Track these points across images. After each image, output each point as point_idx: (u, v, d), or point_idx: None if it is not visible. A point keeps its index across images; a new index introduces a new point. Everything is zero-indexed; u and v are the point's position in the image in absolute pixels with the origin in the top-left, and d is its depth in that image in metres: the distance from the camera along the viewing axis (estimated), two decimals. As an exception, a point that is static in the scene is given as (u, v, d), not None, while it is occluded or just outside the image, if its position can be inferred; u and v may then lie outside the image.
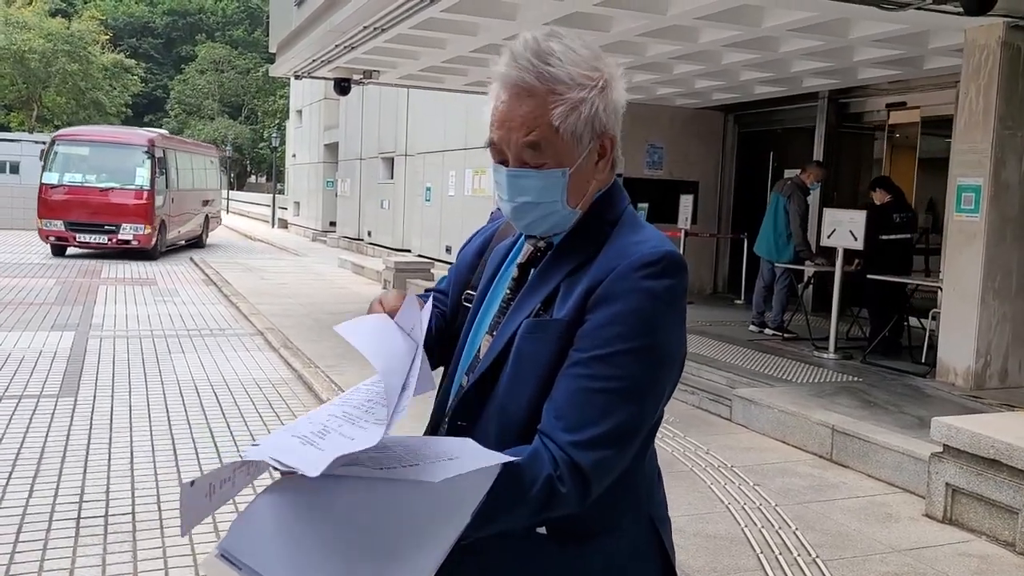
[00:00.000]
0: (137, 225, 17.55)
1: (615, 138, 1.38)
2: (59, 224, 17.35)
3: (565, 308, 1.31)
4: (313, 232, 27.26)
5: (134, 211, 17.65)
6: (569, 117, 1.31)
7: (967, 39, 6.69)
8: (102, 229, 17.43)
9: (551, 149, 1.33)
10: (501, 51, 1.37)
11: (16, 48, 36.34)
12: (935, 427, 4.53)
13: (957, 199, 6.73)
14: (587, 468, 1.23)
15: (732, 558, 3.88)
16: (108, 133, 20.17)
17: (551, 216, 1.37)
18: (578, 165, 1.35)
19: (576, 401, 1.26)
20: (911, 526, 4.42)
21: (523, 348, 1.34)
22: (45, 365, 7.60)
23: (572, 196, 1.36)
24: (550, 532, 1.33)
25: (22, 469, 4.87)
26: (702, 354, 7.73)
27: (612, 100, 1.36)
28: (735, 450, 5.63)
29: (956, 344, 6.69)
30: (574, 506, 1.25)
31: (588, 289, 1.30)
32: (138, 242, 17.54)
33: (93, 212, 17.41)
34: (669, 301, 1.29)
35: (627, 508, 1.38)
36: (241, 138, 52.31)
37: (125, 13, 61.03)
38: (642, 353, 1.26)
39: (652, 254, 1.29)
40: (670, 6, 6.98)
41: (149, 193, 17.81)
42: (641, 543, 1.41)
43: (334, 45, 9.84)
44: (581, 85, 1.31)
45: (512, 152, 1.35)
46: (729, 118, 12.93)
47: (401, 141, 19.57)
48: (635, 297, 1.26)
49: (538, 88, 1.31)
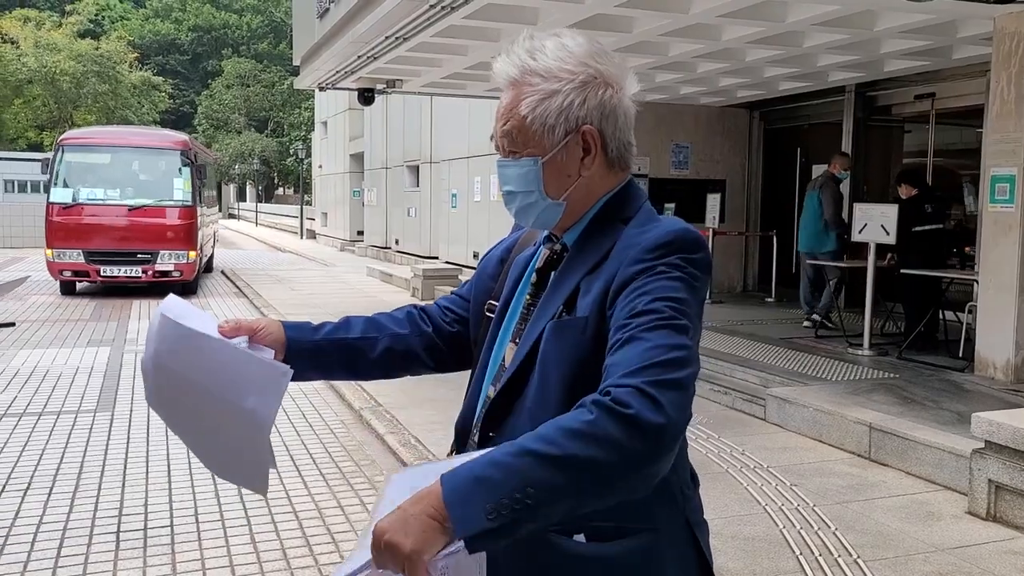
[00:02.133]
0: (179, 252, 13.99)
1: (600, 134, 1.37)
2: (77, 255, 13.60)
3: (586, 305, 1.32)
4: (341, 242, 27.43)
5: (175, 234, 14.05)
6: (538, 107, 1.35)
7: (996, 27, 6.57)
8: (134, 259, 13.83)
9: (522, 138, 1.37)
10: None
11: (47, 70, 36.99)
12: (976, 423, 4.45)
13: (991, 190, 6.62)
14: (651, 387, 1.12)
15: (771, 560, 3.84)
16: (129, 135, 16.07)
17: (533, 207, 1.40)
18: (552, 156, 1.37)
19: (624, 349, 1.19)
20: (954, 524, 4.34)
21: (548, 351, 1.33)
22: (82, 381, 7.71)
23: (550, 187, 1.38)
24: (589, 538, 1.32)
25: (62, 484, 4.93)
26: (735, 353, 7.66)
27: (600, 97, 1.36)
28: (771, 450, 5.57)
29: (994, 337, 6.57)
30: (658, 425, 1.10)
31: (607, 283, 1.31)
32: (181, 273, 13.99)
33: (121, 237, 13.80)
34: (688, 268, 1.29)
35: (661, 504, 1.36)
36: (268, 151, 52.83)
37: (151, 31, 61.96)
38: (676, 302, 1.24)
39: (663, 235, 1.31)
40: (692, 5, 6.94)
41: (191, 210, 14.25)
42: (679, 546, 1.39)
43: (357, 56, 9.91)
44: (558, 78, 1.34)
45: (498, 141, 1.42)
46: (755, 115, 12.83)
47: (426, 148, 19.64)
48: (653, 270, 1.27)
49: (519, 81, 1.37)
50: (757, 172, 12.99)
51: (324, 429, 6.20)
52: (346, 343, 1.56)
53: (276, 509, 4.59)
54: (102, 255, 13.72)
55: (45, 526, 4.32)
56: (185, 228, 14.16)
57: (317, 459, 5.48)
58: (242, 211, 56.17)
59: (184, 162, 14.41)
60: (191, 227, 14.21)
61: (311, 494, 4.82)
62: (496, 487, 1.05)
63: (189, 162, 14.40)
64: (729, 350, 7.83)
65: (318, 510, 4.58)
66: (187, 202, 14.26)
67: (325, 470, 5.25)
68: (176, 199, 14.29)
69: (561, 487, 1.07)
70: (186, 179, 14.37)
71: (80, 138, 15.26)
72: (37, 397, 7.06)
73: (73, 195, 14.01)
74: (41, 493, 4.78)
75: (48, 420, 6.34)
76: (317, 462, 5.41)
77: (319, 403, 6.97)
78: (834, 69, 9.51)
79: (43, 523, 4.35)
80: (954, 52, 8.38)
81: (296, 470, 5.24)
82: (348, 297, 14.19)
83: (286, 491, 4.86)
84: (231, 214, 56.70)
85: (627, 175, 1.44)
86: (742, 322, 9.62)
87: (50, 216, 13.79)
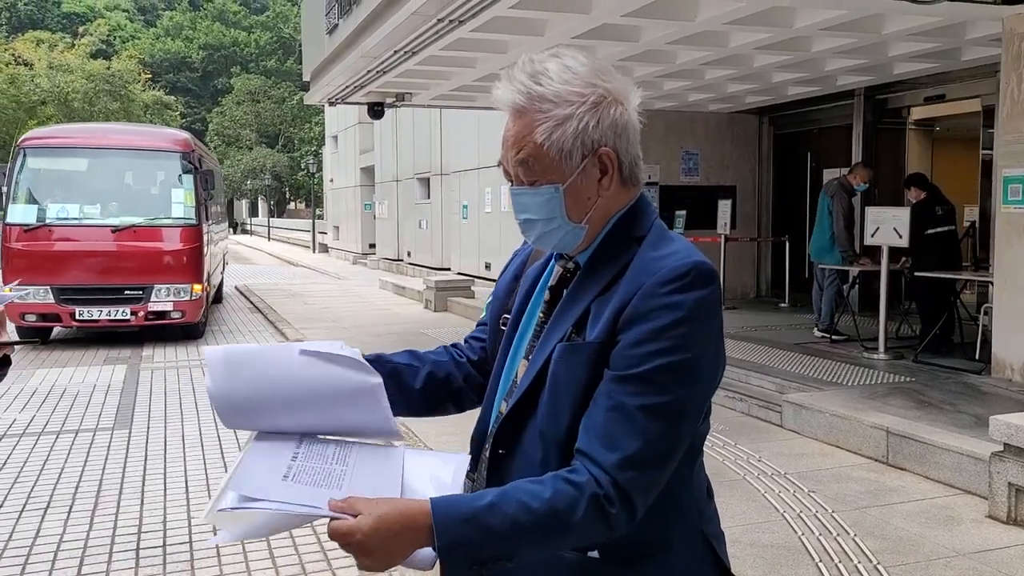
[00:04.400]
0: (179, 285, 10.69)
1: (616, 153, 1.36)
2: (44, 292, 10.16)
3: (596, 330, 1.32)
4: (353, 255, 27.52)
5: (175, 262, 10.78)
6: (553, 134, 1.32)
7: (1005, 28, 6.56)
8: (120, 296, 10.44)
9: (539, 166, 1.35)
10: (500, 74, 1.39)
11: (60, 90, 37.35)
12: (994, 425, 4.42)
13: (1004, 190, 6.59)
14: (632, 488, 1.23)
15: (790, 567, 3.82)
16: (113, 133, 12.42)
17: (555, 232, 1.38)
18: (572, 181, 1.35)
19: (615, 420, 1.25)
20: (974, 528, 4.31)
21: (558, 372, 1.34)
22: (99, 399, 7.76)
23: (573, 212, 1.37)
24: (603, 556, 1.32)
25: (81, 502, 4.97)
26: (749, 360, 7.64)
27: (611, 116, 1.35)
28: (788, 456, 5.54)
29: (1011, 338, 6.53)
30: (621, 527, 1.25)
31: (618, 309, 1.30)
32: (182, 313, 10.75)
33: (103, 269, 10.45)
34: (701, 313, 1.28)
35: (677, 522, 1.37)
36: (279, 166, 53.10)
37: (162, 50, 62.54)
38: (678, 369, 1.26)
39: (679, 268, 1.29)
40: (699, 12, 6.95)
41: (196, 231, 10.97)
42: (695, 559, 1.40)
43: (366, 71, 9.97)
44: (568, 102, 1.32)
45: (510, 171, 1.39)
46: (764, 120, 12.82)
47: (436, 160, 19.71)
48: (665, 313, 1.26)
49: (527, 108, 1.34)
50: (767, 177, 12.97)
51: (340, 443, 6.22)
52: (391, 366, 1.55)
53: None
54: (77, 293, 10.35)
55: (65, 544, 4.34)
56: (187, 254, 10.85)
57: (334, 473, 5.48)
58: (254, 226, 56.47)
59: (186, 168, 11.13)
60: (195, 252, 10.93)
61: (328, 508, 4.83)
62: (481, 549, 1.19)
63: (192, 168, 11.17)
64: (744, 356, 7.81)
65: (336, 524, 4.59)
66: (190, 220, 10.93)
67: (342, 484, 5.25)
68: (175, 216, 10.96)
69: (533, 551, 1.23)
70: (188, 190, 11.05)
71: (47, 138, 11.62)
72: (55, 416, 7.11)
73: (38, 213, 10.59)
74: (61, 511, 4.81)
75: (67, 439, 6.38)
76: (334, 476, 5.42)
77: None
78: (842, 73, 9.50)
79: (64, 541, 4.38)
80: (963, 54, 8.36)
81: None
82: (361, 310, 14.23)
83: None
84: (244, 229, 57.00)
85: (638, 191, 1.43)
86: (756, 328, 9.59)
87: (7, 242, 10.35)
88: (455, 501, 1.22)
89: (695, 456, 1.40)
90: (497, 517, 1.19)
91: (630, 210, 1.41)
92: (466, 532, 1.18)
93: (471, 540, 1.18)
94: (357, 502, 1.20)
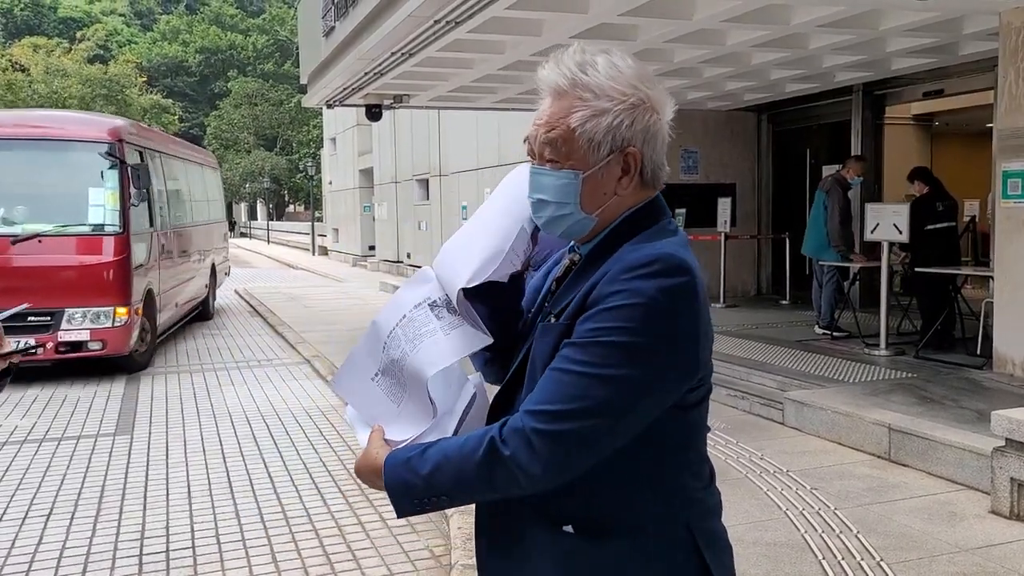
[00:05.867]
0: (99, 310, 8.67)
1: (641, 156, 1.40)
2: None
3: (567, 312, 1.37)
4: (353, 257, 27.52)
5: (93, 280, 8.77)
6: (588, 123, 1.37)
7: (1002, 22, 6.55)
8: (23, 323, 8.08)
9: (566, 149, 1.38)
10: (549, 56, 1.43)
11: (57, 96, 37.38)
12: (996, 420, 4.42)
13: (1003, 185, 6.59)
14: (537, 435, 1.28)
15: (794, 565, 3.82)
16: (15, 120, 10.27)
17: (565, 218, 1.42)
18: (593, 172, 1.39)
19: (548, 377, 1.33)
20: (977, 524, 4.30)
21: (536, 352, 1.41)
22: (100, 405, 7.75)
23: (587, 202, 1.40)
24: (576, 530, 1.38)
25: (84, 509, 4.96)
26: (751, 358, 7.63)
27: (646, 121, 1.39)
28: (790, 454, 5.54)
29: (1012, 333, 6.53)
30: (533, 472, 1.29)
31: (587, 293, 1.34)
32: (103, 343, 8.72)
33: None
34: (663, 302, 1.29)
35: (654, 507, 1.38)
36: (278, 169, 53.15)
37: (159, 54, 62.59)
38: (621, 347, 1.28)
39: (645, 257, 1.32)
40: (696, 10, 6.95)
41: (121, 241, 8.88)
42: (671, 546, 1.39)
43: (363, 72, 9.96)
44: (609, 97, 1.36)
45: (536, 148, 1.42)
46: (762, 118, 12.81)
47: (435, 162, 19.71)
48: (621, 296, 1.29)
49: (568, 92, 1.38)
50: (767, 175, 12.96)
51: (342, 446, 6.22)
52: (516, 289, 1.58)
53: (296, 528, 4.60)
54: None
55: (68, 551, 4.34)
56: (109, 269, 8.79)
57: (336, 477, 5.49)
58: (253, 229, 56.48)
59: (111, 160, 8.91)
60: (119, 267, 8.84)
61: (331, 512, 4.84)
62: (418, 492, 1.37)
63: (117, 161, 8.94)
64: (745, 354, 7.80)
65: (338, 527, 4.59)
66: (113, 227, 8.86)
67: (345, 487, 5.26)
68: (94, 222, 8.93)
69: (459, 492, 1.38)
70: (111, 189, 8.90)
71: None
72: (57, 422, 7.10)
73: None
74: (63, 518, 4.81)
75: (68, 445, 6.38)
76: (336, 480, 5.43)
77: (336, 420, 6.99)
78: (840, 69, 9.49)
79: (66, 548, 4.38)
80: (960, 48, 8.35)
81: (316, 488, 5.26)
82: (362, 313, 14.22)
83: (306, 509, 4.88)
84: (242, 233, 57.01)
85: (654, 192, 1.45)
86: (757, 325, 9.59)
87: None
88: (401, 451, 1.41)
89: (682, 448, 1.42)
90: (425, 462, 1.36)
91: (639, 209, 1.43)
92: (402, 474, 1.38)
93: (406, 480, 1.37)
94: (373, 438, 1.47)
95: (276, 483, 5.38)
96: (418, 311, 1.47)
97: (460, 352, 1.44)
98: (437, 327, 1.45)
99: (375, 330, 1.50)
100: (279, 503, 5.01)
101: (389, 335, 1.47)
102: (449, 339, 1.44)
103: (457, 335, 1.44)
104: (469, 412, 1.48)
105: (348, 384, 1.56)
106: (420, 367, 1.43)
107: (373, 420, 1.50)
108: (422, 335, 1.44)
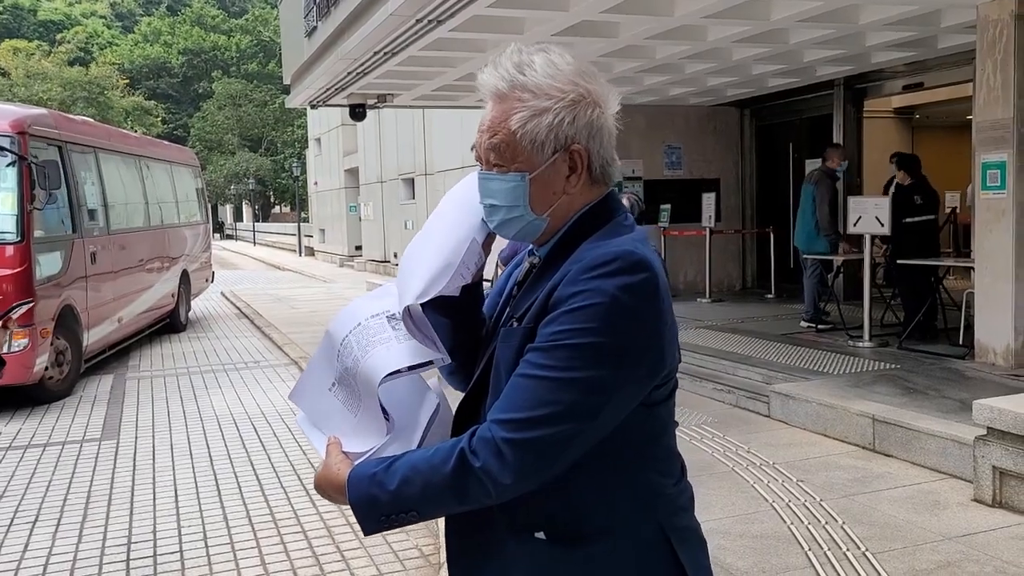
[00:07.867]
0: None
1: (588, 153, 1.38)
2: None
3: (528, 316, 1.36)
4: (340, 257, 27.46)
5: None
6: (528, 123, 1.35)
7: (979, 15, 6.61)
8: None
9: (510, 153, 1.37)
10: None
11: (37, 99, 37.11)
12: (977, 409, 4.46)
13: (982, 177, 6.65)
14: (507, 445, 1.26)
15: (780, 557, 3.85)
16: None
17: (516, 221, 1.41)
18: (540, 172, 1.38)
19: (513, 385, 1.31)
20: (961, 512, 4.35)
21: (499, 358, 1.40)
22: (86, 409, 7.72)
23: (536, 204, 1.39)
24: (549, 537, 1.36)
25: (70, 515, 4.94)
26: (736, 351, 7.67)
27: (589, 116, 1.37)
28: (776, 447, 5.58)
29: (993, 323, 6.59)
30: (503, 483, 1.27)
31: (547, 295, 1.33)
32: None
33: None
34: (625, 300, 1.28)
35: (625, 509, 1.36)
36: (263, 170, 52.88)
37: (141, 56, 62.08)
38: (586, 349, 1.26)
39: (604, 255, 1.30)
40: (676, 7, 6.98)
41: (20, 250, 7.55)
42: (645, 547, 1.37)
43: (346, 72, 9.94)
44: (548, 95, 1.35)
45: (482, 154, 1.41)
46: (745, 113, 12.86)
47: (420, 161, 19.69)
48: (582, 297, 1.28)
49: (508, 94, 1.37)
50: (751, 170, 13.02)
51: (330, 447, 6.20)
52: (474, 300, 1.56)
53: (285, 530, 4.60)
54: None
55: (55, 558, 4.33)
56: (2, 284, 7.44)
57: (324, 477, 5.48)
58: (239, 231, 56.23)
59: (10, 158, 7.72)
60: (16, 281, 7.50)
61: (319, 513, 4.84)
62: (385, 508, 1.33)
63: (16, 157, 7.71)
64: (731, 348, 7.84)
65: (327, 529, 4.60)
66: (8, 234, 7.59)
67: (332, 488, 5.25)
68: None
69: (426, 506, 1.34)
70: (5, 191, 7.70)
71: None
72: (42, 428, 7.07)
73: None
74: (49, 524, 4.79)
75: (53, 450, 6.35)
76: (324, 480, 5.41)
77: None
78: (821, 64, 9.54)
79: (53, 554, 4.36)
80: (939, 42, 8.42)
81: (304, 489, 5.25)
82: (349, 313, 14.19)
83: (294, 511, 4.87)
84: (228, 235, 56.73)
85: (606, 189, 1.44)
86: (743, 320, 9.63)
87: None
88: (365, 465, 1.37)
89: (650, 445, 1.40)
90: (392, 476, 1.32)
91: (593, 208, 1.42)
92: (367, 489, 1.33)
93: (371, 495, 1.33)
94: (331, 450, 1.42)
95: (264, 485, 5.37)
96: (374, 320, 1.44)
97: (414, 358, 1.41)
98: (392, 336, 1.42)
99: (328, 340, 1.47)
100: (267, 505, 5.01)
101: (342, 343, 1.44)
102: (403, 346, 1.41)
103: (413, 343, 1.42)
104: (433, 423, 1.45)
105: (306, 396, 1.52)
106: (371, 372, 1.39)
107: (332, 432, 1.46)
108: (374, 342, 1.41)
